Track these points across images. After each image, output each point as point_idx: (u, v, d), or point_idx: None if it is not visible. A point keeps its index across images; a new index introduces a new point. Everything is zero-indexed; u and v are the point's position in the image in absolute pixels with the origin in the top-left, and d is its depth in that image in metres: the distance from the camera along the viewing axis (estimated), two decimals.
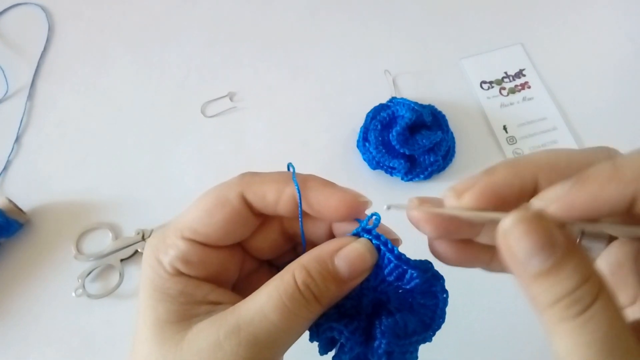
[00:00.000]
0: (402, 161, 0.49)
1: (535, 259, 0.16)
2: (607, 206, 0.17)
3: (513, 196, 0.20)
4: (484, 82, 0.56)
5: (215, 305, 0.23)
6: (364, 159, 0.51)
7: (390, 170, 0.50)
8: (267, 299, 0.22)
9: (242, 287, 0.26)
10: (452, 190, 0.21)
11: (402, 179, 0.50)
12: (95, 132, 0.55)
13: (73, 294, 0.45)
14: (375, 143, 0.49)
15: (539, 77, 0.56)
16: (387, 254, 0.23)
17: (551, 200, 0.18)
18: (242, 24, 0.61)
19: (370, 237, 0.24)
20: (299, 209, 0.24)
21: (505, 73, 0.57)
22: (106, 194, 0.51)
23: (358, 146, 0.52)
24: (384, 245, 0.23)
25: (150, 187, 0.52)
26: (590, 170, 0.18)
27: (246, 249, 0.26)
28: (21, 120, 0.55)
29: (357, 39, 0.60)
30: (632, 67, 0.57)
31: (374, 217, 0.24)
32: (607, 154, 0.20)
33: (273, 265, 0.28)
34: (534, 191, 0.20)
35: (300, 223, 0.25)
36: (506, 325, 0.43)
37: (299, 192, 0.24)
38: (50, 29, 0.61)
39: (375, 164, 0.50)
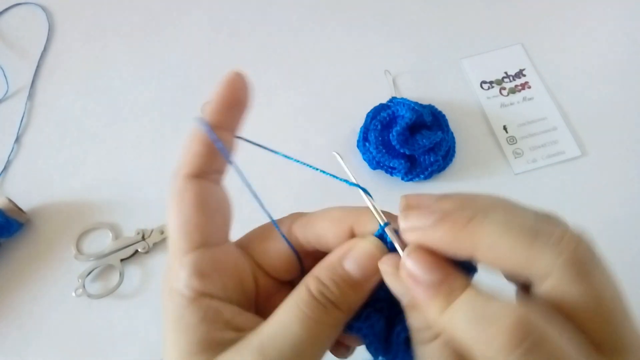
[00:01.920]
0: (402, 161, 0.49)
1: (399, 297, 0.22)
2: (449, 254, 0.20)
3: (446, 254, 0.21)
4: (484, 82, 0.56)
5: (241, 332, 0.22)
6: (364, 159, 0.51)
7: (390, 170, 0.50)
8: (287, 313, 0.22)
9: (265, 311, 0.25)
10: (404, 199, 0.22)
11: (402, 179, 0.50)
12: (95, 132, 0.55)
13: (73, 294, 0.45)
14: (375, 143, 0.49)
15: (539, 77, 0.56)
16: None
17: (409, 210, 0.21)
18: (242, 24, 0.61)
19: (379, 234, 0.23)
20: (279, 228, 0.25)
21: (505, 73, 0.57)
22: (106, 194, 0.51)
23: (358, 146, 0.52)
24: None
25: (150, 187, 0.52)
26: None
27: (261, 266, 0.26)
28: (21, 120, 0.55)
29: (357, 39, 0.60)
30: (633, 67, 0.57)
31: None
32: (555, 250, 0.19)
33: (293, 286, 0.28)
34: (469, 258, 0.20)
35: (288, 243, 0.25)
36: None
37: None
38: (50, 29, 0.61)
39: (375, 164, 0.50)
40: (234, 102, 0.26)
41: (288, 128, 0.54)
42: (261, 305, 0.26)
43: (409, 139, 0.49)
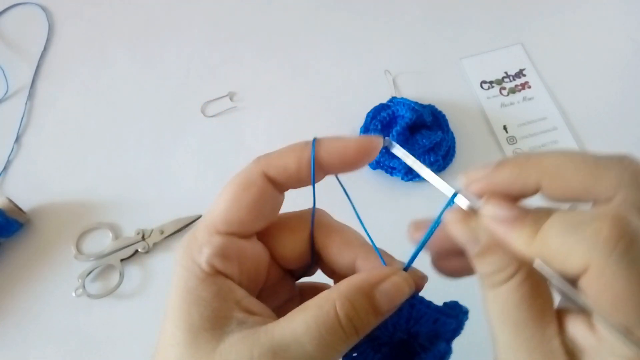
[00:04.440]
0: (402, 161, 0.49)
1: (468, 245, 0.22)
2: (517, 190, 0.21)
3: (514, 193, 0.22)
4: (484, 82, 0.56)
5: (248, 315, 0.23)
6: None
7: (390, 170, 0.50)
8: (305, 329, 0.21)
9: (265, 296, 0.26)
10: (464, 175, 0.24)
11: (402, 179, 0.50)
12: (95, 132, 0.55)
13: (73, 294, 0.45)
14: None
15: (539, 77, 0.56)
16: (420, 307, 0.24)
17: (489, 216, 0.22)
18: (242, 24, 0.61)
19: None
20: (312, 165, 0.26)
21: (505, 73, 0.57)
22: (106, 194, 0.51)
23: None
24: (417, 301, 0.24)
25: (150, 187, 0.52)
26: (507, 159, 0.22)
27: (273, 255, 0.26)
28: (21, 120, 0.55)
29: (357, 39, 0.60)
30: (633, 66, 0.57)
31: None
32: (619, 166, 0.21)
33: (294, 277, 0.28)
34: (535, 191, 0.21)
35: (312, 179, 0.26)
36: None
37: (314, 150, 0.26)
38: (50, 29, 0.61)
39: (375, 164, 0.50)
40: (357, 162, 0.28)
41: (288, 128, 0.54)
42: (263, 291, 0.26)
43: (409, 139, 0.49)
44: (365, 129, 0.51)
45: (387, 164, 0.49)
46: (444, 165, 0.50)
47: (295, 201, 0.28)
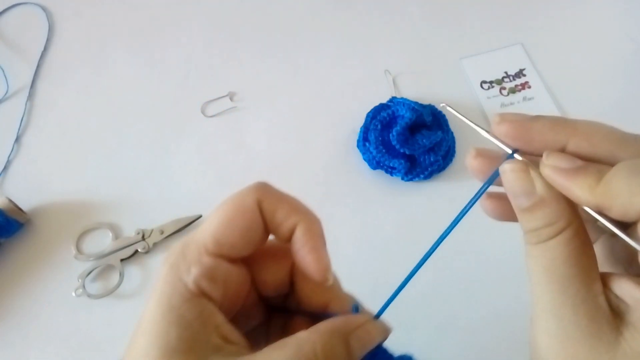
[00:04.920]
0: (402, 161, 0.49)
1: (520, 198, 0.22)
2: (577, 201, 0.21)
3: (542, 143, 0.23)
4: (484, 82, 0.56)
5: (225, 343, 0.23)
6: (364, 159, 0.51)
7: (390, 170, 0.50)
8: None
9: (237, 319, 0.26)
10: (499, 115, 0.24)
11: (402, 178, 0.50)
12: (95, 132, 0.55)
13: (73, 294, 0.45)
14: (375, 143, 0.49)
15: (539, 77, 0.56)
16: (382, 357, 0.25)
17: (549, 167, 0.22)
18: (242, 24, 0.61)
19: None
20: None
21: (505, 73, 0.57)
22: (106, 194, 0.51)
23: (358, 146, 0.52)
24: (380, 351, 0.25)
25: (150, 187, 0.52)
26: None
27: (254, 280, 0.26)
28: (21, 120, 0.55)
29: (357, 39, 0.60)
30: (633, 66, 0.57)
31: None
32: (635, 151, 0.22)
33: (267, 304, 0.28)
34: (562, 148, 0.22)
35: None
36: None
37: None
38: (50, 29, 0.61)
39: (375, 164, 0.50)
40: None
41: (288, 128, 0.54)
42: (237, 314, 0.26)
43: (409, 139, 0.49)
44: (365, 129, 0.51)
45: (387, 164, 0.49)
46: (444, 165, 0.50)
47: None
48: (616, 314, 0.20)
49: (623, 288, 0.20)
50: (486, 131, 0.26)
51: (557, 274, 0.21)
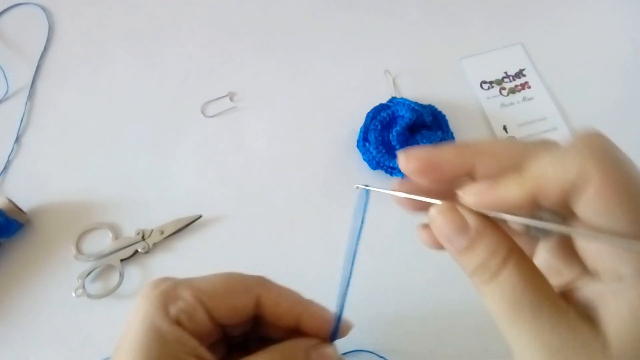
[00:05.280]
0: None
1: (456, 239, 0.22)
2: (511, 204, 0.21)
3: (451, 171, 0.23)
4: (484, 82, 0.56)
5: None
6: (364, 159, 0.51)
7: (390, 170, 0.50)
8: None
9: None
10: (403, 154, 0.24)
11: (402, 178, 0.50)
12: (95, 132, 0.55)
13: (73, 294, 0.45)
14: (375, 143, 0.49)
15: (539, 77, 0.56)
16: None
17: (470, 194, 0.22)
18: (242, 24, 0.61)
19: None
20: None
21: (505, 73, 0.57)
22: (106, 194, 0.51)
23: (358, 146, 0.52)
24: None
25: (150, 187, 0.52)
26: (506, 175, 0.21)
27: (213, 314, 0.28)
28: (21, 120, 0.55)
29: (357, 39, 0.60)
30: (633, 66, 0.57)
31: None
32: (543, 148, 0.21)
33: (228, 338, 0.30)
34: (470, 172, 0.22)
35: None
36: None
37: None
38: (50, 29, 0.61)
39: (375, 164, 0.50)
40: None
41: (288, 128, 0.54)
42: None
43: (409, 139, 0.49)
44: (365, 129, 0.51)
45: (387, 164, 0.49)
46: None
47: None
48: (589, 320, 0.19)
49: (582, 292, 0.20)
50: (398, 191, 0.27)
51: (524, 303, 0.19)
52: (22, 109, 0.56)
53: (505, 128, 0.54)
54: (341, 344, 0.30)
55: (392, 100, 0.53)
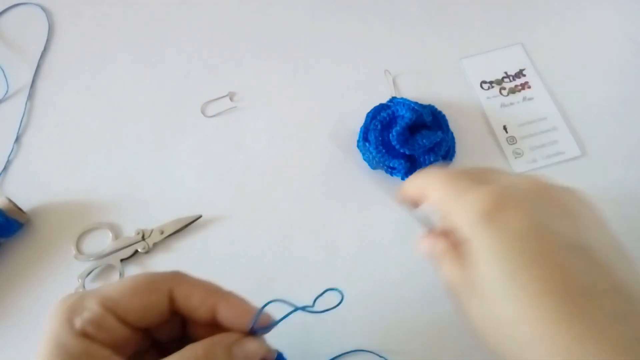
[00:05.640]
0: (402, 161, 0.49)
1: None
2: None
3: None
4: (484, 82, 0.56)
5: None
6: (364, 159, 0.51)
7: (390, 170, 0.50)
8: None
9: None
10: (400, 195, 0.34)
11: (402, 179, 0.50)
12: (95, 132, 0.55)
13: None
14: (375, 143, 0.49)
15: (539, 77, 0.56)
16: None
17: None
18: (242, 24, 0.61)
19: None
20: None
21: (505, 73, 0.57)
22: (106, 194, 0.51)
23: (358, 146, 0.52)
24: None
25: (150, 187, 0.52)
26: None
27: (123, 316, 0.27)
28: (21, 120, 0.55)
29: (357, 38, 0.60)
30: (633, 67, 0.57)
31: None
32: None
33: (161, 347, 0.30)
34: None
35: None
36: None
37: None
38: (50, 29, 0.61)
39: (375, 164, 0.50)
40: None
41: (288, 128, 0.54)
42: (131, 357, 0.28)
43: (409, 139, 0.49)
44: (365, 129, 0.51)
45: (387, 164, 0.49)
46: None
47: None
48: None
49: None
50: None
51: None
52: (22, 109, 0.56)
53: (505, 128, 0.54)
54: (340, 344, 0.29)
55: (392, 100, 0.53)
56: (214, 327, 0.27)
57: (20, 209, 0.48)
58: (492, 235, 0.25)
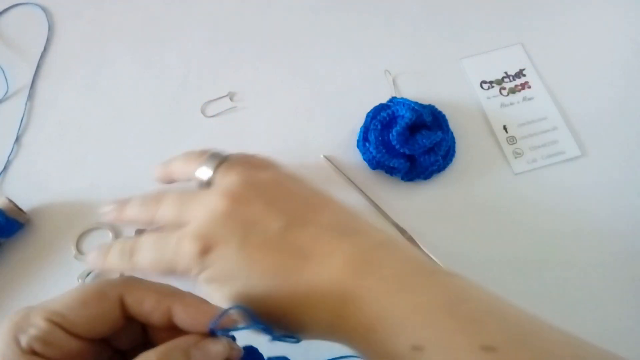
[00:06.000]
0: (402, 161, 0.49)
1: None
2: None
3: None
4: (484, 82, 0.56)
5: None
6: (364, 159, 0.51)
7: (390, 170, 0.50)
8: None
9: None
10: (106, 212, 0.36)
11: (402, 179, 0.50)
12: (95, 132, 0.55)
13: None
14: (375, 143, 0.49)
15: (539, 77, 0.56)
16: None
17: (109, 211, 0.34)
18: (242, 24, 0.61)
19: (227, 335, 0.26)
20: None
21: (505, 73, 0.57)
22: (106, 194, 0.51)
23: (358, 146, 0.52)
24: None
25: (150, 187, 0.51)
26: None
27: (70, 328, 0.27)
28: (21, 120, 0.55)
29: (357, 39, 0.60)
30: (633, 66, 0.57)
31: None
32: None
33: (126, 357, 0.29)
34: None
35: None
36: None
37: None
38: (50, 29, 0.61)
39: (375, 164, 0.50)
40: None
41: (288, 128, 0.54)
42: None
43: (409, 139, 0.49)
44: (365, 129, 0.51)
45: (387, 163, 0.49)
46: (444, 166, 0.50)
47: None
48: None
49: None
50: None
51: None
52: (22, 109, 0.56)
53: (505, 128, 0.54)
54: (339, 346, 0.29)
55: (392, 100, 0.53)
56: (174, 330, 0.26)
57: (20, 209, 0.48)
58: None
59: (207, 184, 0.34)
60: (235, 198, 0.30)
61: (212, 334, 0.26)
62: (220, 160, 0.35)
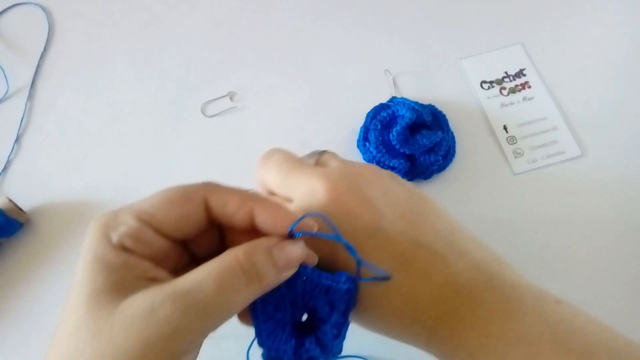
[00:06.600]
0: (402, 161, 0.49)
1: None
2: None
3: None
4: (484, 82, 0.56)
5: (154, 282, 0.24)
6: (364, 159, 0.51)
7: (390, 170, 0.50)
8: (207, 274, 0.23)
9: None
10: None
11: (403, 178, 0.50)
12: (95, 132, 0.55)
13: None
14: (375, 143, 0.49)
15: (539, 77, 0.56)
16: (312, 277, 0.27)
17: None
18: (242, 24, 0.61)
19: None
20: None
21: (506, 73, 0.57)
22: (106, 194, 0.51)
23: (358, 146, 0.52)
24: (308, 272, 0.27)
25: (150, 187, 0.51)
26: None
27: (163, 230, 0.27)
28: (21, 120, 0.55)
29: (357, 38, 0.60)
30: (633, 66, 0.57)
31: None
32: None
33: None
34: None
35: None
36: None
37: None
38: (50, 29, 0.61)
39: (375, 164, 0.50)
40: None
41: (288, 128, 0.54)
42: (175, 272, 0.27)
43: (409, 138, 0.49)
44: (365, 129, 0.51)
45: (387, 163, 0.49)
46: (444, 165, 0.50)
47: None
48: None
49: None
50: None
51: None
52: (22, 109, 0.56)
53: (505, 128, 0.54)
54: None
55: (392, 100, 0.53)
56: (253, 234, 0.26)
57: (20, 209, 0.48)
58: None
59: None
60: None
61: (290, 237, 0.26)
62: None
